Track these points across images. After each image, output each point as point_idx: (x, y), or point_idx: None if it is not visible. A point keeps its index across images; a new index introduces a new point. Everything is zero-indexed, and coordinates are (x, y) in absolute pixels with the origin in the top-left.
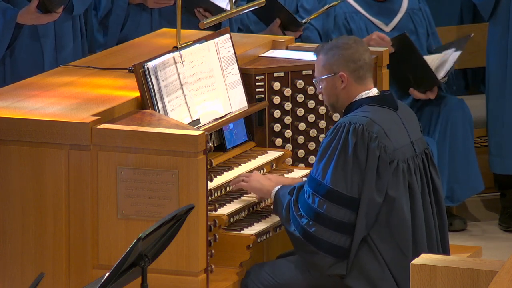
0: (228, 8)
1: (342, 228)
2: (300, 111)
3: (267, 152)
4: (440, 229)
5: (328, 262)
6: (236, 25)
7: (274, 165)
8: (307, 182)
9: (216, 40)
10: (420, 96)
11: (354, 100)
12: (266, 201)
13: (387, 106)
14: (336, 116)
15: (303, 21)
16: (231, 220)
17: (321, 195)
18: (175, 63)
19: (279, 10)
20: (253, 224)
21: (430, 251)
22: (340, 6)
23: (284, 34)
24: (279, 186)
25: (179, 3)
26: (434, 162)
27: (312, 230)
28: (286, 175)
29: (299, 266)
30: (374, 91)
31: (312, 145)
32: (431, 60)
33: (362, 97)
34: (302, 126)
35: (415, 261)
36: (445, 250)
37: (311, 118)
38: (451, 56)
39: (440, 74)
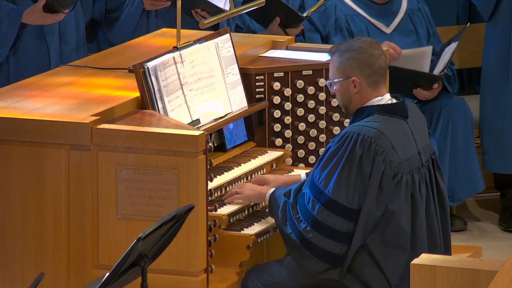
0: (226, 7)
1: (339, 237)
2: (300, 111)
3: (267, 152)
4: (443, 232)
5: (322, 268)
6: (234, 23)
7: (274, 165)
8: (308, 186)
9: (216, 40)
10: (425, 93)
11: (365, 106)
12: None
13: (397, 115)
14: (336, 116)
15: (304, 14)
16: (231, 220)
17: (321, 203)
18: (175, 63)
19: (279, 7)
20: (253, 224)
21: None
22: (340, 9)
23: (285, 32)
24: (273, 189)
25: (179, 3)
26: (439, 166)
27: (309, 236)
28: (285, 175)
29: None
30: (386, 98)
31: (312, 145)
32: (437, 69)
33: (374, 103)
34: (302, 126)
35: (415, 261)
36: (447, 252)
37: (311, 118)
38: (450, 49)
39: (439, 67)
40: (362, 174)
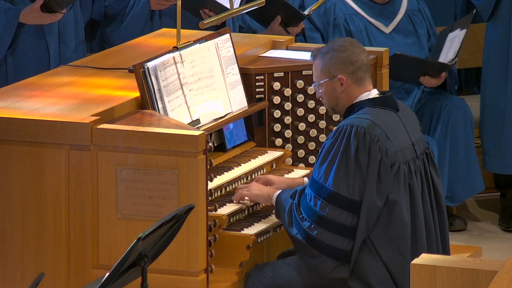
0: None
1: (343, 231)
2: (300, 111)
3: (267, 152)
4: (441, 229)
5: (330, 265)
6: (237, 23)
7: (274, 165)
8: (308, 184)
9: (216, 40)
10: (432, 81)
11: (354, 102)
12: None
13: (388, 107)
14: (336, 116)
15: (305, 12)
16: (231, 220)
17: (323, 198)
18: (175, 63)
19: (280, 6)
20: (253, 224)
21: (430, 251)
22: (340, 8)
23: (286, 31)
24: (279, 191)
25: (179, 3)
26: (434, 161)
27: (314, 233)
28: (286, 175)
29: (300, 267)
30: (374, 93)
31: (312, 145)
32: (443, 57)
33: (363, 99)
34: (302, 126)
35: (415, 261)
36: (445, 250)
37: (311, 118)
38: (458, 37)
39: (450, 55)
40: (359, 165)
